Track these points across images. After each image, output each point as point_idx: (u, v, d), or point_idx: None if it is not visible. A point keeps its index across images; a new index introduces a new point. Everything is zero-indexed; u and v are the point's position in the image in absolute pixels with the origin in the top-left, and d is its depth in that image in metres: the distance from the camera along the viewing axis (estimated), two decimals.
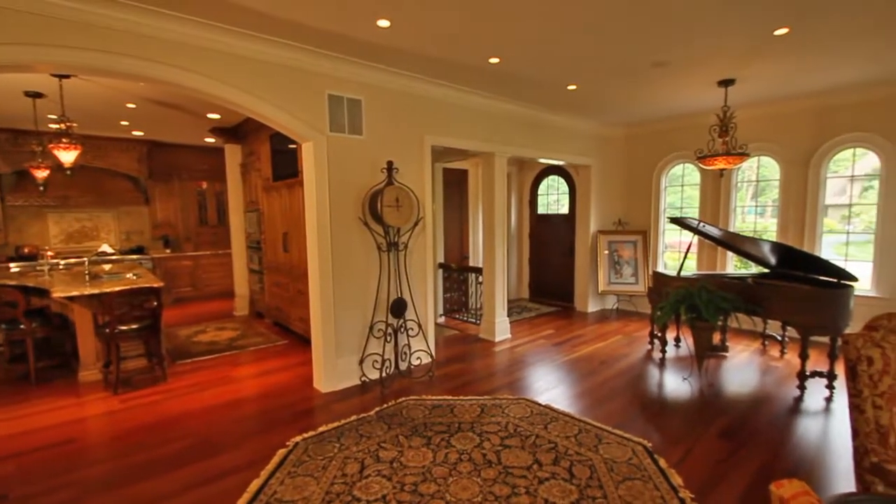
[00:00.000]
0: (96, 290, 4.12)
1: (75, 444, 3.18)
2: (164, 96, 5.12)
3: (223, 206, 8.65)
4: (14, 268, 6.41)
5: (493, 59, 3.98)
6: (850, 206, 5.51)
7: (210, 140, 7.65)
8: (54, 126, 4.90)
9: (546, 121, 5.96)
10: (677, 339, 5.32)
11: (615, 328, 6.20)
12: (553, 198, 7.95)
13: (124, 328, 4.12)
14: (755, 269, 5.26)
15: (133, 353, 4.75)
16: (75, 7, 2.73)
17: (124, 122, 6.43)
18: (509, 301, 6.89)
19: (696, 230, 4.91)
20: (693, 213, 6.62)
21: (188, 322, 6.74)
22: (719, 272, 5.64)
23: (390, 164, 4.15)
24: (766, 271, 4.84)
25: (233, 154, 7.06)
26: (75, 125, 5.33)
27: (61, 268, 6.29)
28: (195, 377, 4.47)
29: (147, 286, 4.28)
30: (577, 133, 6.51)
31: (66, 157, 4.79)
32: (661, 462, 2.83)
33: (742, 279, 4.57)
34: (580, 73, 4.41)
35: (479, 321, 6.01)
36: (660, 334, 4.94)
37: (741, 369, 4.57)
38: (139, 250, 7.94)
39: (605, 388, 4.09)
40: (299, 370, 4.60)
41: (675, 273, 4.99)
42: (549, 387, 4.15)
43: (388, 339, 4.34)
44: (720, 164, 4.74)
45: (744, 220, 6.35)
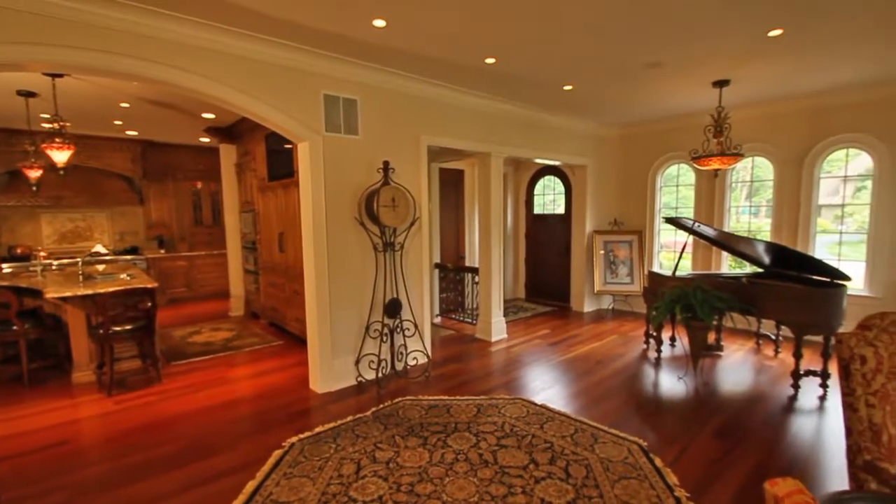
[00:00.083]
0: (90, 291, 4.09)
1: (69, 446, 3.15)
2: (159, 96, 5.09)
3: (218, 207, 8.59)
4: (6, 268, 6.35)
5: (490, 60, 3.98)
6: (844, 206, 5.55)
7: (205, 140, 7.60)
8: (47, 125, 4.85)
9: (542, 121, 5.97)
10: (672, 339, 5.35)
11: (611, 328, 6.22)
12: (549, 198, 7.97)
13: (118, 329, 4.09)
14: (749, 268, 5.30)
15: (127, 354, 4.71)
16: (75, 7, 2.72)
17: (118, 122, 6.39)
18: (505, 301, 6.90)
19: (691, 230, 4.93)
20: (688, 213, 6.65)
21: (183, 323, 6.70)
22: (714, 272, 5.68)
23: (386, 164, 4.15)
24: (761, 271, 4.88)
25: (228, 154, 7.02)
26: (68, 125, 5.29)
27: (54, 268, 6.24)
28: (190, 378, 4.45)
29: (141, 287, 4.26)
30: (573, 133, 6.53)
31: (60, 156, 4.75)
32: (657, 461, 2.84)
33: (737, 279, 4.60)
34: (577, 74, 4.42)
35: (475, 321, 6.01)
36: (655, 334, 4.96)
37: (736, 369, 4.60)
38: (133, 251, 7.88)
39: (601, 388, 4.10)
40: (295, 371, 4.59)
41: (670, 273, 5.01)
42: (545, 386, 4.16)
43: (385, 339, 4.33)
44: (715, 164, 4.77)
45: (738, 220, 6.39)
